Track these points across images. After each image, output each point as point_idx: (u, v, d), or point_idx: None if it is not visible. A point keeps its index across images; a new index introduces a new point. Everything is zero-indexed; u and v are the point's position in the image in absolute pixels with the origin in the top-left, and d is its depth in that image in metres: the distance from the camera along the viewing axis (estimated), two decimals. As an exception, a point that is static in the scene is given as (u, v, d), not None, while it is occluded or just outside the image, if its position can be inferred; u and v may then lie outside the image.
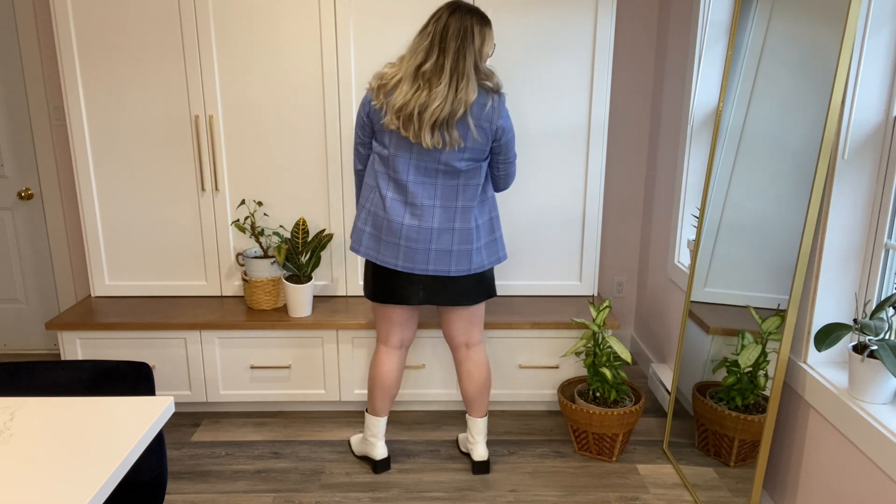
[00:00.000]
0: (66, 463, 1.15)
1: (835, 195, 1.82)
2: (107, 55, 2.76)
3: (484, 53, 2.14)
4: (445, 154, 2.14)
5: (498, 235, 2.33)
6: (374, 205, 2.23)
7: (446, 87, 2.05)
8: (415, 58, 2.09)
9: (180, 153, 2.86)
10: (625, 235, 3.46)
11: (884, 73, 1.74)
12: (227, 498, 2.34)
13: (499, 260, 2.34)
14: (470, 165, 2.18)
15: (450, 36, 2.06)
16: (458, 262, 2.22)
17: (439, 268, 2.22)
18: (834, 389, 1.80)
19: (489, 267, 2.31)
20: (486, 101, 2.12)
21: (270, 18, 2.73)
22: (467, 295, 2.31)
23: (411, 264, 2.21)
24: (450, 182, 2.19)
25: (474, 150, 2.16)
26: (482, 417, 2.47)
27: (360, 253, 2.27)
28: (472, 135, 2.12)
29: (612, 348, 2.49)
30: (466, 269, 2.24)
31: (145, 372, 1.67)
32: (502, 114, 2.17)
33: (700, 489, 2.32)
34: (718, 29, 2.67)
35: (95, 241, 2.95)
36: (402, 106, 2.08)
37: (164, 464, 1.68)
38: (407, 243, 2.20)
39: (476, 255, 2.25)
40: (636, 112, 3.30)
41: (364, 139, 2.28)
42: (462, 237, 2.21)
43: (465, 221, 2.21)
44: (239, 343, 2.79)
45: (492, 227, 2.30)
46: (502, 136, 2.20)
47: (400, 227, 2.19)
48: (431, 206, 2.19)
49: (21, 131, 3.24)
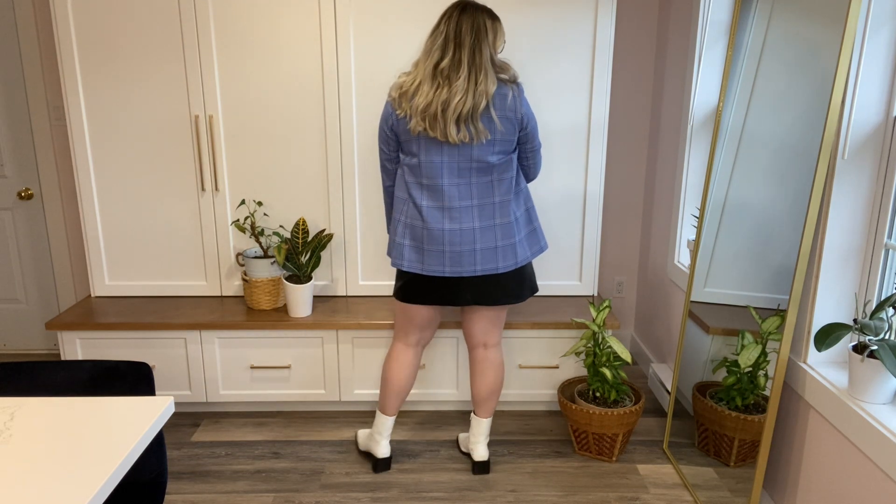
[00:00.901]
0: (66, 463, 1.15)
1: (835, 195, 1.82)
2: (107, 55, 2.76)
3: (497, 47, 2.15)
4: (476, 150, 2.15)
5: (536, 226, 2.34)
6: (410, 216, 2.22)
7: (465, 81, 2.07)
8: (431, 58, 2.11)
9: (180, 153, 2.86)
10: (625, 235, 3.46)
11: (884, 73, 1.74)
12: (227, 498, 2.34)
13: (541, 250, 2.35)
14: (502, 159, 2.20)
15: (464, 32, 2.08)
16: (504, 257, 2.23)
17: (487, 266, 2.22)
18: (834, 389, 1.80)
19: (532, 258, 2.33)
20: (506, 91, 2.14)
21: (270, 18, 2.73)
22: (513, 293, 2.31)
23: (459, 268, 2.21)
24: (483, 179, 2.19)
25: (503, 143, 2.18)
26: (488, 418, 2.47)
27: (405, 267, 2.25)
28: (497, 127, 2.14)
29: (612, 348, 2.49)
30: (513, 263, 2.24)
31: (145, 372, 1.67)
32: (524, 102, 2.19)
33: (700, 489, 2.32)
34: (718, 29, 2.67)
35: (95, 241, 2.95)
36: (426, 106, 2.10)
37: (164, 464, 1.68)
38: (451, 248, 2.20)
39: (520, 247, 2.26)
40: (636, 112, 3.30)
41: (390, 154, 2.28)
42: (504, 232, 2.22)
43: (504, 216, 2.22)
44: (239, 343, 2.79)
45: (529, 217, 2.32)
46: (528, 125, 2.22)
47: (441, 234, 2.19)
48: (469, 207, 2.20)
49: (21, 131, 3.24)
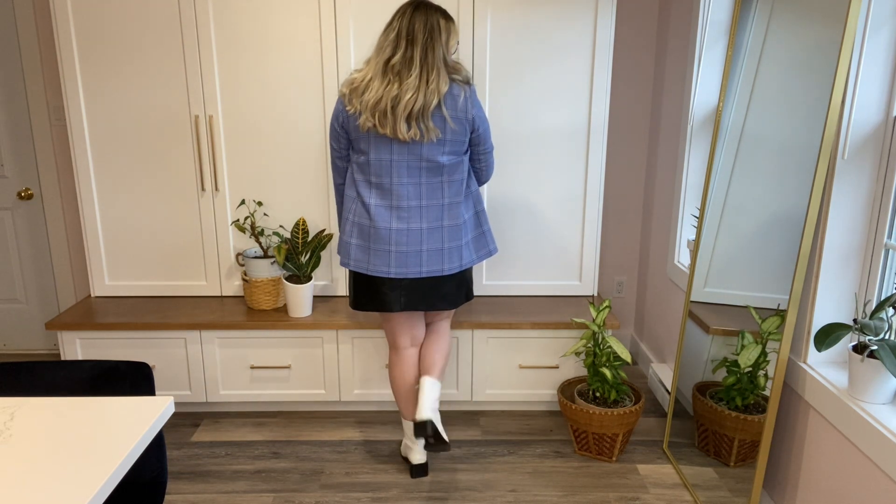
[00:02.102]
0: (66, 463, 1.15)
1: (835, 195, 1.82)
2: (107, 55, 2.76)
3: (450, 47, 2.14)
4: (426, 149, 2.14)
5: (486, 229, 2.34)
6: (358, 214, 2.21)
7: (417, 79, 2.07)
8: (382, 54, 2.11)
9: (180, 153, 2.86)
10: (625, 235, 3.46)
11: (884, 73, 1.74)
12: (227, 498, 2.34)
13: (489, 253, 2.35)
14: (452, 160, 2.19)
15: (416, 29, 2.07)
16: (449, 259, 2.23)
17: (433, 268, 2.21)
18: (834, 389, 1.80)
19: (478, 261, 2.34)
20: (458, 92, 2.14)
21: (270, 18, 2.73)
22: (448, 298, 2.30)
23: (405, 269, 2.19)
24: (433, 179, 2.18)
25: (454, 143, 2.17)
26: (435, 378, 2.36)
27: (350, 266, 2.25)
28: (449, 127, 2.13)
29: (612, 348, 2.49)
30: (458, 265, 2.25)
31: (145, 372, 1.67)
32: (475, 104, 2.18)
33: (700, 489, 2.32)
34: (718, 29, 2.67)
35: (95, 241, 2.95)
36: (376, 102, 2.08)
37: (164, 464, 1.68)
38: (398, 248, 2.18)
39: (465, 250, 2.26)
40: (636, 112, 3.30)
41: (340, 151, 2.27)
42: (451, 234, 2.22)
43: (453, 218, 2.21)
44: (239, 343, 2.79)
45: (478, 221, 2.32)
46: (479, 127, 2.21)
47: (388, 233, 2.18)
48: (417, 207, 2.18)
49: (21, 131, 3.24)
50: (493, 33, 2.75)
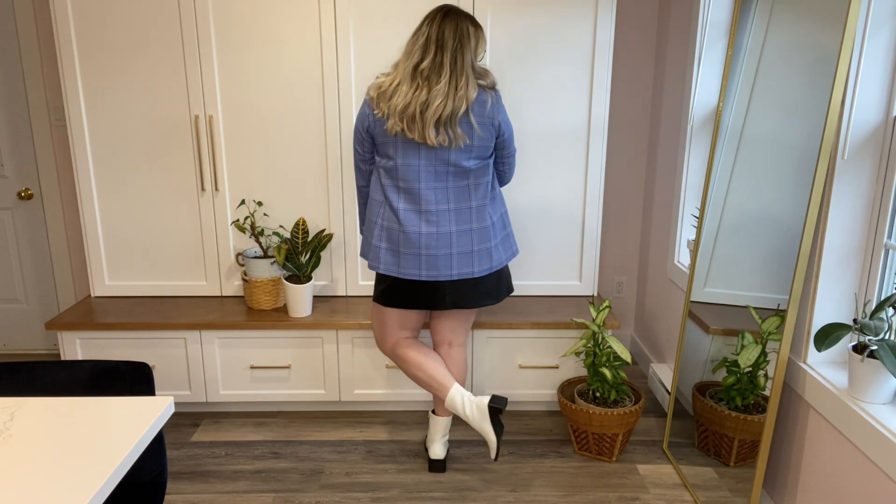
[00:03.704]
0: (66, 463, 1.15)
1: (835, 195, 1.82)
2: (107, 55, 2.76)
3: (478, 54, 2.16)
4: (453, 154, 2.15)
5: (510, 230, 2.39)
6: (387, 219, 2.22)
7: (446, 85, 2.07)
8: (411, 58, 2.10)
9: (180, 153, 2.86)
10: (625, 235, 3.46)
11: (884, 73, 1.74)
12: (227, 498, 2.34)
13: (514, 254, 2.39)
14: (478, 164, 2.21)
15: (447, 36, 2.08)
16: (479, 261, 2.24)
17: (463, 271, 2.22)
18: (834, 389, 1.80)
19: (507, 262, 2.36)
20: (486, 98, 2.15)
21: (270, 18, 2.73)
22: (492, 293, 2.34)
23: (436, 272, 2.21)
24: (460, 183, 2.20)
25: (480, 148, 2.19)
26: (446, 417, 2.47)
27: (381, 270, 2.26)
28: (476, 133, 2.15)
29: (611, 348, 2.49)
30: (489, 267, 2.26)
31: (145, 372, 1.67)
32: (501, 109, 2.21)
33: (700, 489, 2.32)
34: (718, 29, 2.67)
35: (95, 241, 2.95)
36: (405, 107, 2.08)
37: (164, 464, 1.68)
38: (427, 252, 2.19)
39: (495, 252, 2.28)
40: (636, 112, 3.30)
41: (364, 155, 2.28)
42: (481, 236, 2.23)
43: (481, 220, 2.23)
44: (239, 343, 2.79)
45: (504, 222, 2.35)
46: (505, 132, 2.25)
47: (418, 237, 2.19)
48: (446, 211, 2.19)
49: (21, 131, 3.24)
50: (494, 33, 2.75)
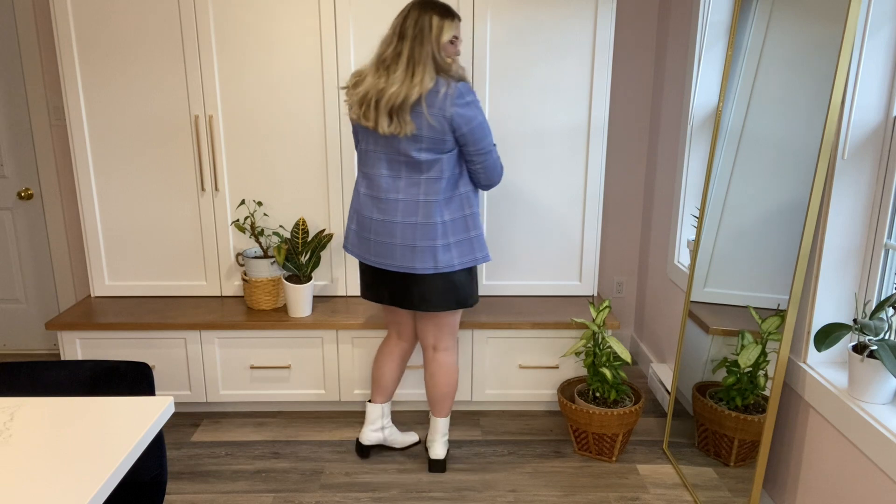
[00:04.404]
0: (66, 463, 1.15)
1: (835, 195, 1.82)
2: (107, 55, 2.76)
3: (442, 43, 2.12)
4: (404, 143, 2.15)
5: (474, 235, 2.24)
6: (355, 202, 2.30)
7: (403, 73, 2.09)
8: (378, 49, 2.17)
9: (180, 153, 2.86)
10: (625, 235, 3.46)
11: (884, 73, 1.74)
12: (227, 498, 2.34)
13: (475, 261, 2.25)
14: (430, 157, 2.16)
15: (408, 26, 2.11)
16: (422, 259, 2.19)
17: (405, 264, 2.20)
18: (834, 389, 1.80)
19: (460, 267, 2.22)
20: (440, 89, 2.10)
21: (270, 18, 2.73)
22: (433, 301, 2.25)
23: (381, 259, 2.24)
24: (414, 175, 2.18)
25: (431, 140, 2.13)
26: (442, 418, 2.48)
27: (349, 250, 2.36)
28: (426, 123, 2.11)
29: (611, 348, 2.49)
30: (432, 266, 2.19)
31: (145, 372, 1.67)
32: (457, 102, 2.11)
33: (700, 489, 2.32)
34: (718, 29, 2.67)
35: (95, 241, 2.95)
36: (364, 95, 2.13)
37: (164, 464, 1.68)
38: (376, 238, 2.23)
39: (443, 252, 2.19)
40: (636, 112, 3.30)
41: (356, 142, 2.34)
42: (425, 233, 2.17)
43: (427, 217, 2.17)
44: (239, 343, 2.79)
45: (464, 225, 2.22)
46: (462, 126, 2.12)
47: (370, 223, 2.23)
48: (395, 200, 2.19)
49: (21, 131, 3.24)
50: (493, 33, 2.75)
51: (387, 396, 2.53)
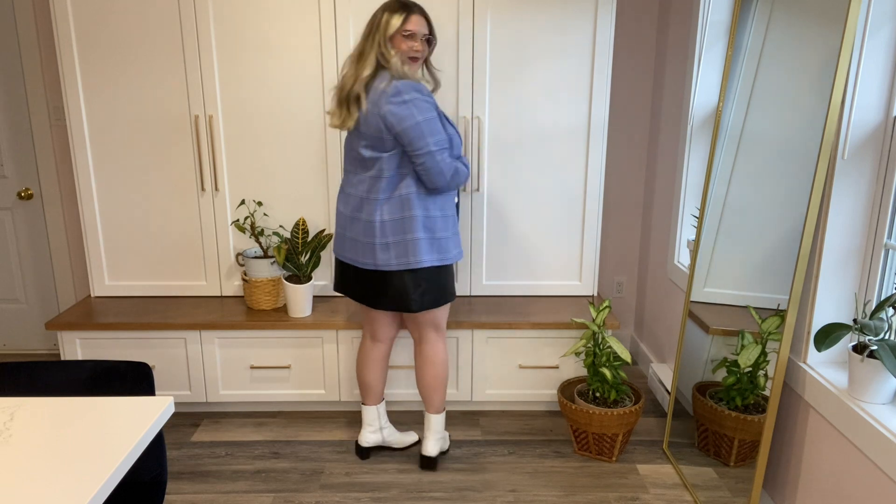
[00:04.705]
0: (66, 463, 1.15)
1: (835, 195, 1.82)
2: (107, 55, 2.76)
3: (388, 36, 2.14)
4: (354, 139, 2.21)
5: (411, 238, 2.18)
6: None
7: (353, 68, 2.18)
8: None
9: (180, 153, 2.86)
10: (625, 235, 3.46)
11: (884, 73, 1.74)
12: (227, 498, 2.34)
13: (418, 263, 2.20)
14: (372, 154, 2.17)
15: (368, 23, 2.19)
16: (363, 254, 2.23)
17: (356, 258, 2.26)
18: (834, 389, 1.80)
19: (399, 269, 2.20)
20: (380, 84, 2.12)
21: (271, 19, 2.73)
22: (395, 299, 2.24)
23: (346, 253, 2.30)
24: (361, 173, 2.22)
25: (372, 138, 2.15)
26: (435, 414, 2.48)
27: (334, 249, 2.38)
28: (364, 118, 2.15)
29: (611, 348, 2.49)
30: (372, 263, 2.21)
31: (145, 372, 1.67)
32: (392, 99, 2.08)
33: (700, 489, 2.32)
34: (718, 29, 2.67)
35: (95, 241, 2.95)
36: (337, 90, 2.24)
37: (164, 464, 1.68)
38: (342, 231, 2.30)
39: (381, 251, 2.19)
40: (636, 112, 3.30)
41: None
42: (366, 230, 2.21)
43: (369, 214, 2.20)
44: (239, 343, 2.79)
45: (403, 227, 2.18)
46: (395, 125, 2.09)
47: (339, 216, 2.31)
48: (353, 195, 2.25)
49: (21, 131, 3.24)
50: (493, 33, 2.75)
51: (377, 398, 2.53)
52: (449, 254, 2.27)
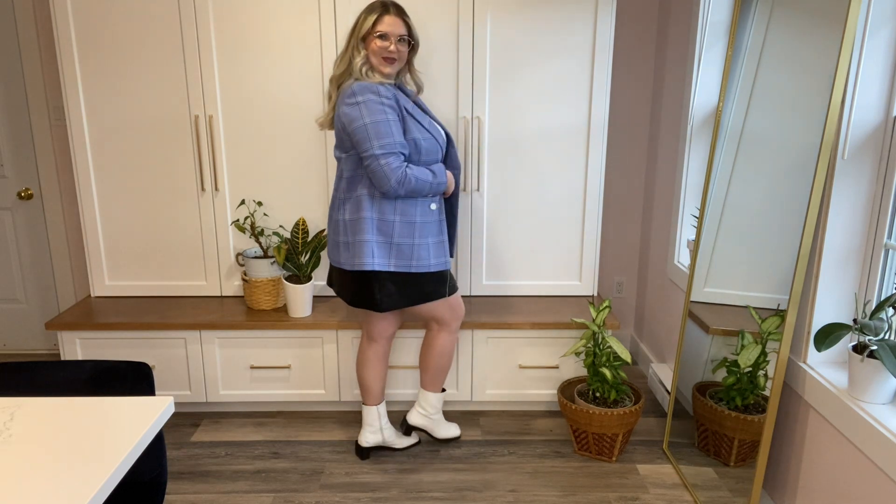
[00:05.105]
0: (66, 463, 1.15)
1: (835, 195, 1.82)
2: (107, 55, 2.76)
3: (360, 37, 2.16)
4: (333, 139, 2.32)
5: (360, 239, 2.17)
6: None
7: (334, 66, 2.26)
8: None
9: (180, 153, 2.86)
10: (625, 235, 3.46)
11: (884, 73, 1.74)
12: (227, 498, 2.34)
13: (353, 266, 2.21)
14: (338, 154, 2.27)
15: None
16: (333, 251, 2.33)
17: (330, 255, 2.35)
18: (834, 389, 1.80)
19: (351, 269, 2.22)
20: (346, 84, 2.19)
21: (270, 18, 2.73)
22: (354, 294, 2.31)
23: (328, 250, 2.38)
24: (341, 172, 2.28)
25: (339, 138, 2.23)
26: (424, 389, 2.55)
27: None
28: (335, 118, 2.21)
29: (611, 348, 2.49)
30: (337, 261, 2.30)
31: (145, 372, 1.67)
32: (346, 101, 2.11)
33: (700, 489, 2.32)
34: (718, 29, 2.67)
35: (95, 241, 2.95)
36: None
37: (164, 464, 1.68)
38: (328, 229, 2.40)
39: (344, 250, 2.27)
40: (636, 112, 3.30)
41: None
42: (333, 227, 2.30)
43: (335, 212, 2.29)
44: (239, 343, 2.79)
45: (356, 227, 2.19)
46: (346, 125, 2.11)
47: None
48: (333, 194, 2.33)
49: (21, 131, 3.24)
50: (494, 34, 2.75)
51: (377, 398, 2.53)
52: (420, 262, 2.21)
